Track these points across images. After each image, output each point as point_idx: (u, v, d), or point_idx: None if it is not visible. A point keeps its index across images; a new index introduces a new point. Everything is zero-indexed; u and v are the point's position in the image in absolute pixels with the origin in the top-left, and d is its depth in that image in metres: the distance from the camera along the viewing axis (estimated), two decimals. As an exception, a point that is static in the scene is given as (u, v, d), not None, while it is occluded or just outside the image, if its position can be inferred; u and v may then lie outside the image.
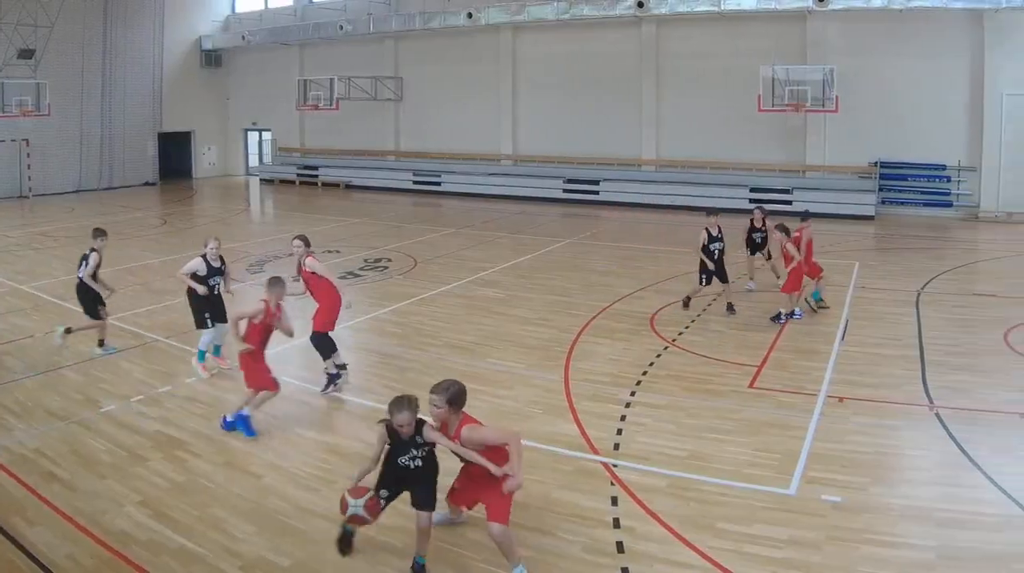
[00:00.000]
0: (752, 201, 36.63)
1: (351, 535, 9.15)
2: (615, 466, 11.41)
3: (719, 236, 19.54)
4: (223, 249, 16.16)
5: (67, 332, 16.61)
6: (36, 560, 9.01)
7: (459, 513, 9.65)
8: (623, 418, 13.21)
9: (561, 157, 44.58)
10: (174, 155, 55.25)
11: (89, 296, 16.58)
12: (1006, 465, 11.15)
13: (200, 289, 15.22)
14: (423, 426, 8.71)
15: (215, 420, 13.02)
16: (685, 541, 9.43)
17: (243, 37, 53.65)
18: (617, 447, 12.11)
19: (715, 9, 36.50)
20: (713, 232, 19.46)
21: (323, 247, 28.40)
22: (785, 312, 18.82)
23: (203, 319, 15.47)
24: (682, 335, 17.80)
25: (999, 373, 15.23)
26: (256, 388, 12.74)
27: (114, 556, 9.16)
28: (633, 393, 14.38)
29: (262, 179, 55.19)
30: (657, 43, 41.27)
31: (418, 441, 8.71)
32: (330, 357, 14.50)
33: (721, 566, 8.93)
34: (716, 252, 19.52)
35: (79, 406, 13.88)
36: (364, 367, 14.53)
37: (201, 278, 15.36)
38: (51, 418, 13.31)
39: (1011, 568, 8.75)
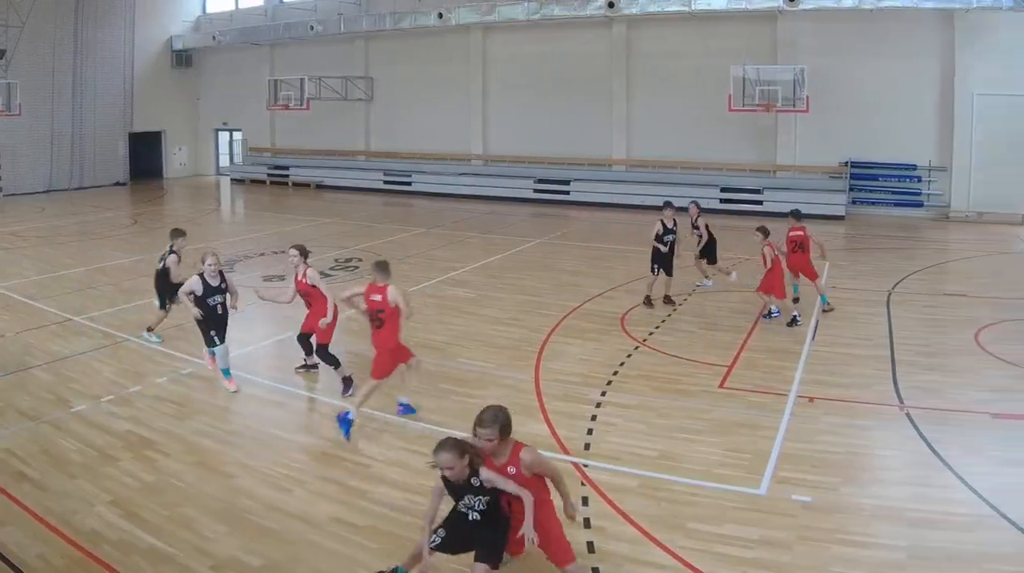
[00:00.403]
0: (722, 201, 36.86)
1: None
2: (586, 466, 11.37)
3: (672, 229, 20.07)
4: (192, 252, 16.01)
5: (149, 330, 17.53)
6: (7, 560, 8.92)
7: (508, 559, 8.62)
8: (594, 418, 13.20)
9: (532, 157, 44.54)
10: (145, 155, 54.86)
11: (169, 287, 17.20)
12: (976, 465, 11.15)
13: (194, 312, 14.28)
14: (479, 467, 7.79)
15: (186, 420, 13.05)
16: (656, 541, 9.42)
17: (214, 37, 53.42)
18: (588, 447, 12.09)
19: (686, 9, 36.48)
20: (668, 224, 20.00)
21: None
22: (777, 312, 18.91)
23: (210, 338, 14.61)
24: (652, 335, 17.75)
25: (969, 373, 15.26)
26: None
27: (85, 556, 9.09)
28: (604, 393, 14.35)
29: (233, 179, 54.92)
30: (628, 43, 41.30)
31: (474, 484, 7.78)
32: (339, 364, 14.52)
33: (692, 566, 8.92)
34: (668, 244, 20.03)
35: (50, 406, 13.75)
36: (333, 369, 14.45)
37: (199, 299, 14.40)
38: (21, 418, 13.19)
39: (982, 568, 8.73)
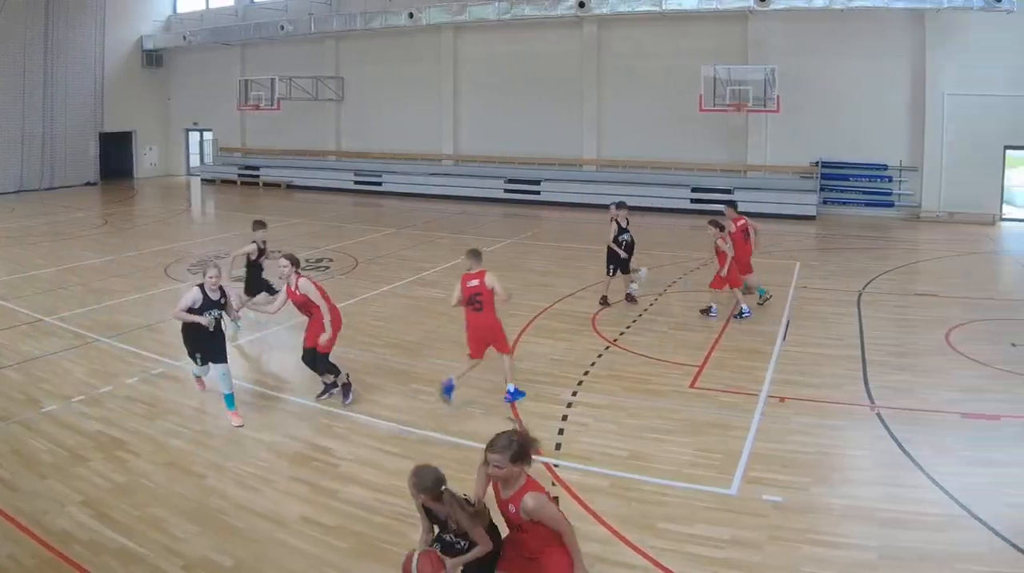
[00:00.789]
0: (693, 201, 36.95)
1: None
2: (556, 466, 11.35)
3: (626, 228, 20.34)
4: (163, 253, 15.87)
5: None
6: (-22, 560, 8.86)
7: None
8: (564, 418, 13.20)
9: (502, 157, 44.52)
10: (115, 155, 54.50)
11: (254, 278, 18.13)
12: (947, 465, 11.17)
13: (202, 320, 13.04)
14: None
15: (156, 420, 13.04)
16: (626, 541, 9.43)
17: (184, 37, 53.14)
18: (559, 447, 12.08)
19: (656, 9, 36.50)
20: (622, 224, 20.29)
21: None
22: (745, 310, 19.04)
23: (192, 357, 13.55)
24: (623, 335, 17.72)
25: (940, 373, 15.32)
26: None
27: (55, 556, 9.08)
28: (574, 393, 14.35)
29: (203, 179, 54.65)
30: (598, 43, 41.35)
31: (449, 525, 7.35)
32: (340, 371, 14.13)
33: (662, 566, 8.93)
34: (623, 243, 20.28)
35: (20, 406, 13.70)
36: (305, 368, 14.36)
37: (196, 311, 13.30)
38: (-7, 418, 13.13)
39: (952, 568, 8.74)
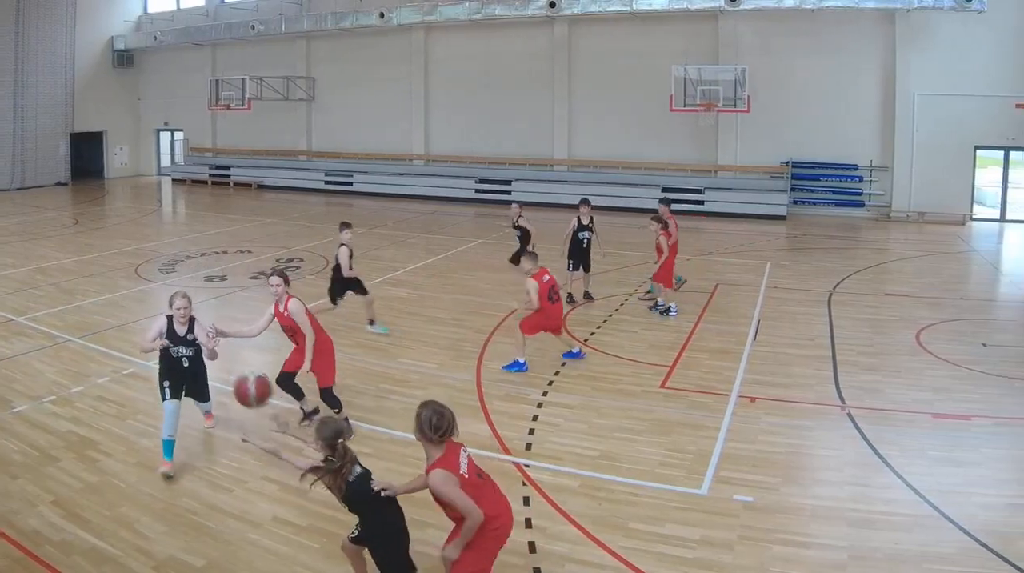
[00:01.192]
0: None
1: None
2: (527, 466, 11.37)
3: (588, 226, 20.33)
4: (134, 252, 15.70)
5: (371, 323, 18.19)
6: (-52, 560, 8.80)
7: None
8: (535, 418, 13.19)
9: (473, 157, 44.53)
10: (86, 155, 54.27)
11: (341, 284, 18.01)
12: (918, 465, 11.20)
13: (161, 343, 11.52)
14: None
15: (127, 420, 12.99)
16: (597, 541, 9.43)
17: (155, 37, 52.88)
18: (529, 447, 12.08)
19: (627, 9, 36.51)
20: (584, 221, 20.29)
21: (235, 247, 28.30)
22: (663, 303, 19.36)
23: (162, 388, 11.71)
24: (594, 335, 17.68)
25: (911, 373, 15.34)
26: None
27: (26, 556, 9.06)
28: (545, 393, 14.33)
29: (174, 179, 54.30)
30: (569, 43, 41.33)
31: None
32: (340, 407, 12.81)
33: (633, 566, 8.93)
34: (584, 241, 20.41)
35: (-8, 406, 13.60)
36: (276, 368, 14.24)
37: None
38: (-36, 418, 13.05)
39: (922, 568, 8.77)
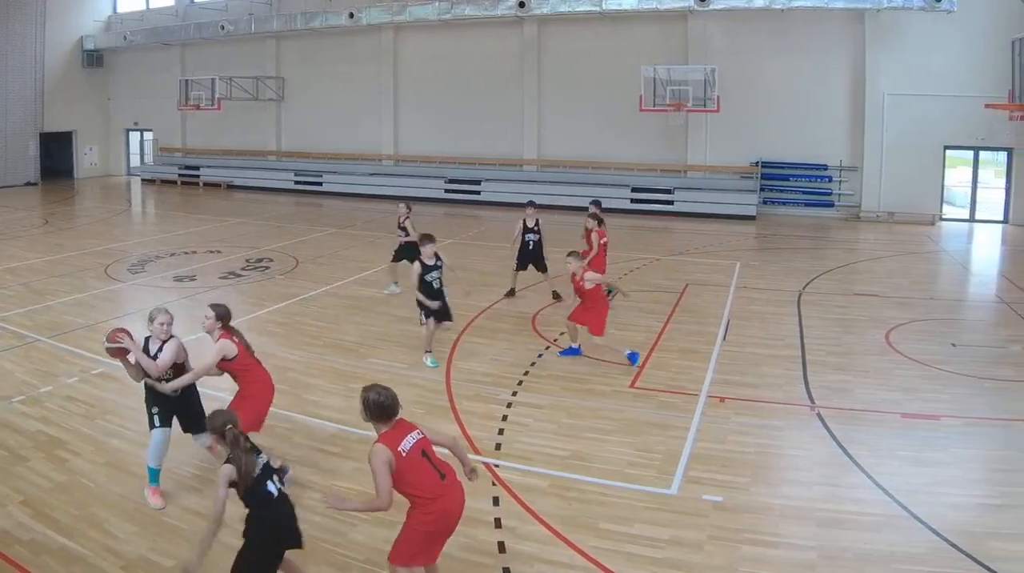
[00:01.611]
0: (633, 201, 37.02)
1: None
2: (497, 466, 11.39)
3: (535, 228, 20.39)
4: (107, 252, 15.58)
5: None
6: (-84, 560, 8.75)
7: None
8: (505, 418, 13.22)
9: (443, 157, 44.52)
10: (56, 155, 54.01)
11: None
12: (887, 465, 11.25)
13: (163, 388, 10.61)
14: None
15: (96, 420, 12.94)
16: (566, 541, 9.46)
17: (125, 37, 52.64)
18: (499, 447, 12.11)
19: (596, 9, 36.59)
20: (529, 223, 20.35)
21: (205, 247, 28.29)
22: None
23: (151, 414, 10.80)
24: (563, 335, 17.50)
25: (880, 373, 15.42)
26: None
27: (-5, 555, 8.99)
28: (515, 393, 14.36)
29: (144, 179, 54.09)
30: (539, 43, 41.40)
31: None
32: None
33: (602, 566, 8.96)
34: (531, 243, 20.48)
35: (-39, 406, 13.53)
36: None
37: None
38: (-68, 418, 12.99)
39: (891, 568, 8.81)
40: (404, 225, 21.32)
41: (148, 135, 56.70)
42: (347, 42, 46.53)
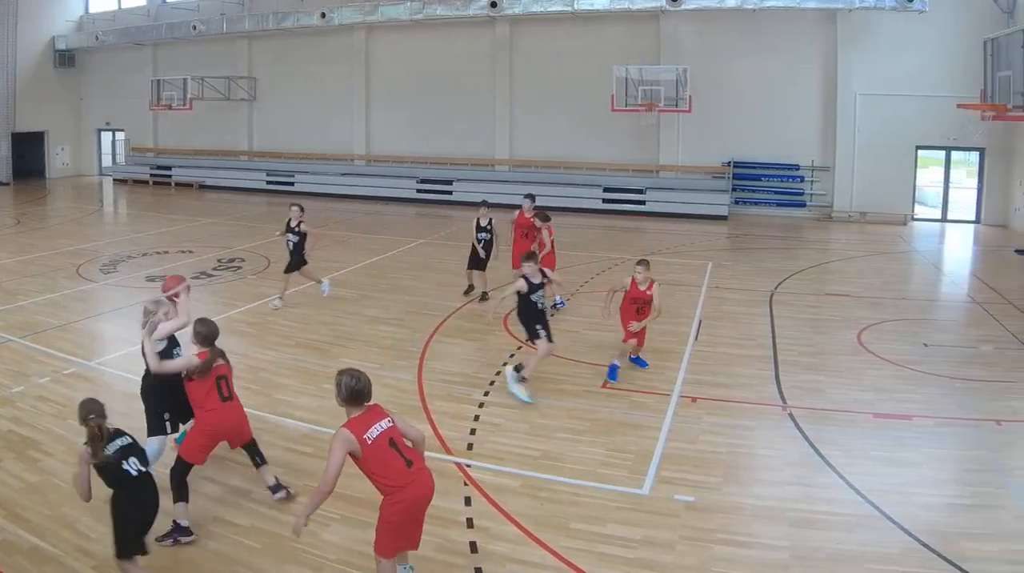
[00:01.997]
0: (605, 201, 37.04)
1: None
2: (469, 466, 11.36)
3: (487, 227, 20.63)
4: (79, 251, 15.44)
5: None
6: None
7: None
8: (476, 418, 13.18)
9: (415, 157, 44.52)
10: (28, 155, 53.68)
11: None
12: (858, 465, 11.25)
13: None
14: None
15: (68, 420, 12.61)
16: (538, 541, 9.43)
17: (97, 37, 52.43)
18: (471, 447, 12.06)
19: (568, 9, 36.66)
20: (483, 222, 20.56)
21: (177, 247, 28.18)
22: (559, 300, 19.81)
23: (162, 423, 10.56)
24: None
25: (852, 373, 15.42)
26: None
27: (-33, 556, 8.94)
28: (486, 393, 14.31)
29: (115, 179, 53.88)
30: (511, 43, 41.44)
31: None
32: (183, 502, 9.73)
33: (574, 566, 8.94)
34: (482, 242, 20.58)
35: (-69, 407, 13.42)
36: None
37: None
38: (-96, 419, 12.87)
39: (863, 567, 8.80)
40: (297, 229, 20.05)
41: (120, 135, 56.43)
42: (319, 42, 46.43)
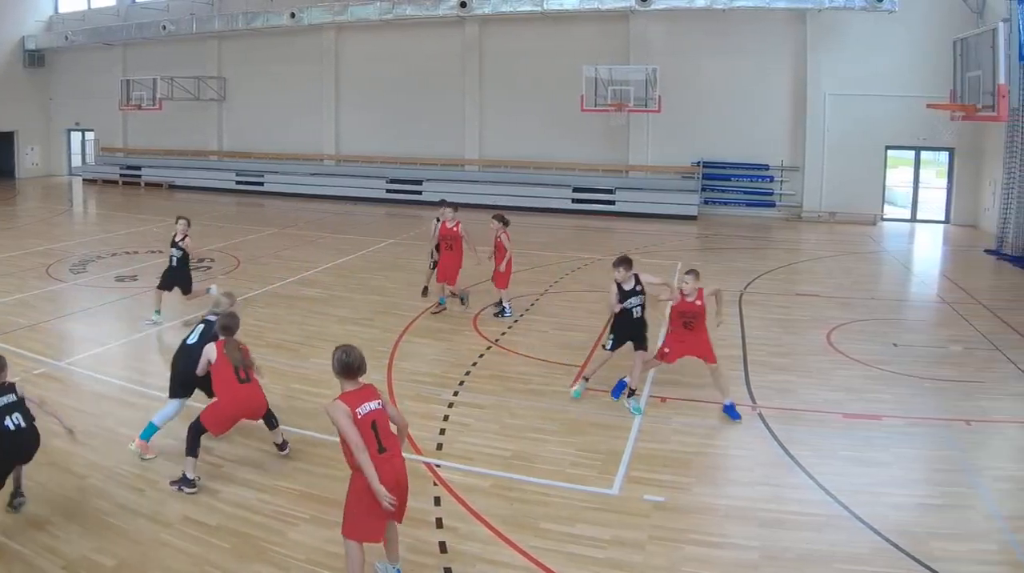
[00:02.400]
0: (574, 201, 37.07)
1: None
2: (438, 466, 11.34)
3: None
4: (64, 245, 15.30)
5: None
6: None
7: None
8: (446, 418, 13.17)
9: (384, 157, 44.59)
10: (-3, 155, 53.65)
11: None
12: (828, 465, 11.26)
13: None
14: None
15: (38, 420, 12.51)
16: (508, 541, 9.43)
17: (66, 37, 52.29)
18: (440, 447, 12.05)
19: (538, 9, 36.68)
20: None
21: (146, 247, 28.06)
22: (506, 304, 19.45)
23: (181, 389, 11.53)
24: (505, 335, 17.61)
25: (821, 373, 15.47)
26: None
27: (-65, 556, 8.91)
28: (456, 393, 14.30)
29: (85, 179, 53.78)
30: (480, 43, 41.51)
31: None
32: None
33: (544, 566, 8.94)
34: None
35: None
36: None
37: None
38: None
39: (833, 567, 8.82)
40: (180, 243, 18.42)
41: (89, 135, 56.27)
42: (288, 42, 46.42)
